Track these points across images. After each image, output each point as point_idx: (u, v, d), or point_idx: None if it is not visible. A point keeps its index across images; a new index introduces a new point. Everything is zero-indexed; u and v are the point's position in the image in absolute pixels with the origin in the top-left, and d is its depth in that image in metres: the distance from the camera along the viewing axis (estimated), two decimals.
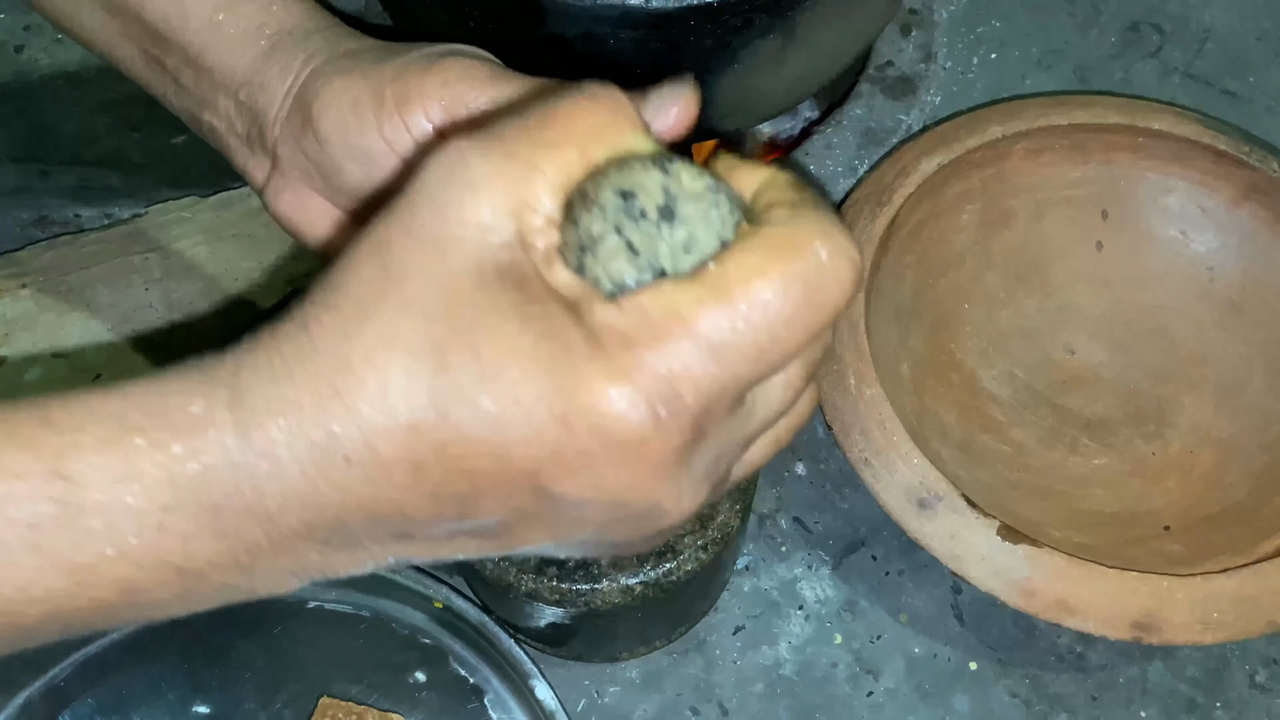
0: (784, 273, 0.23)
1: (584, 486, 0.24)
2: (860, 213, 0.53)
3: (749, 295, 0.23)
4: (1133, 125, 0.54)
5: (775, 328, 0.23)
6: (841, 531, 0.53)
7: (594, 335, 0.23)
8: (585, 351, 0.23)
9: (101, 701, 0.49)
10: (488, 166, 0.24)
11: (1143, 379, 0.55)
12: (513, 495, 0.24)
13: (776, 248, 0.24)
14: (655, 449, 0.23)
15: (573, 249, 0.24)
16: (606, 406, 0.23)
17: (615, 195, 0.24)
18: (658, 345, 0.23)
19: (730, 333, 0.23)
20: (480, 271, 0.24)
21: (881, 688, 0.50)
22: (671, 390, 0.23)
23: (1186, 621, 0.44)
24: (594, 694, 0.49)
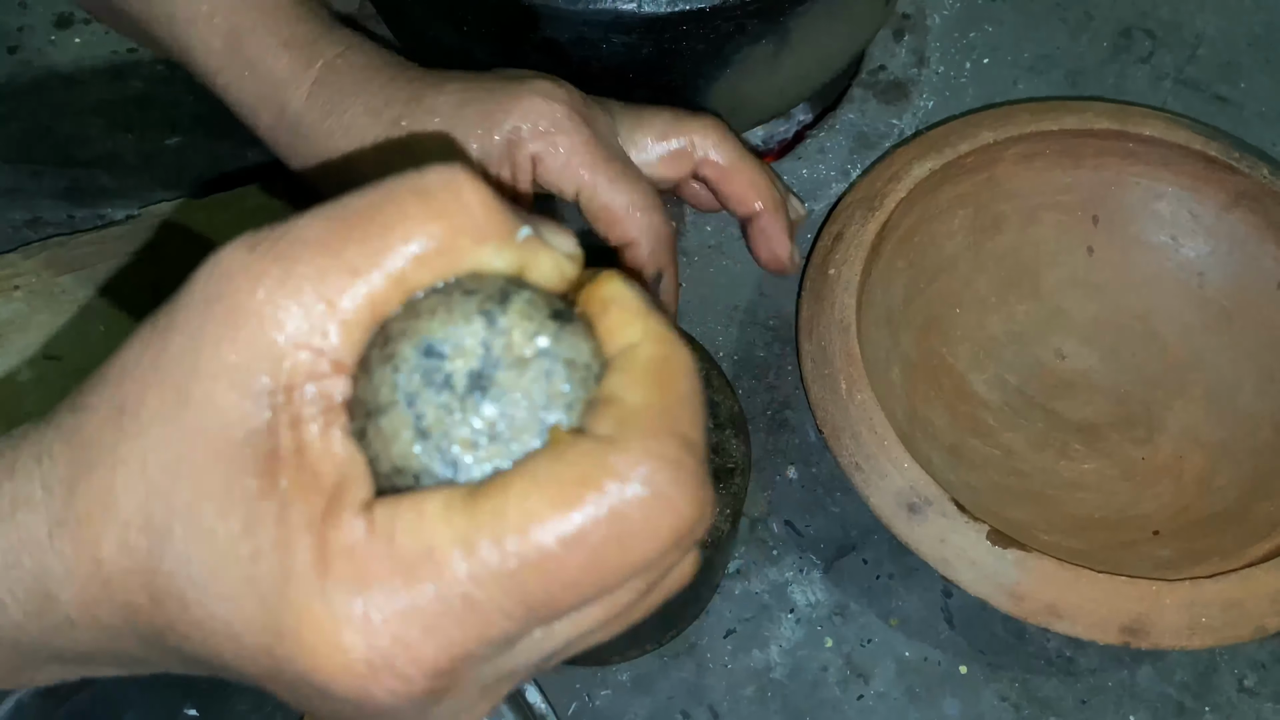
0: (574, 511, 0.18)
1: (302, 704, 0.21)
2: (852, 217, 0.53)
3: (524, 542, 0.18)
4: (1123, 131, 0.54)
5: (549, 589, 0.19)
6: (833, 535, 0.53)
7: (325, 560, 0.19)
8: (307, 582, 0.19)
9: (94, 703, 0.49)
10: (258, 289, 0.19)
11: (1133, 384, 0.55)
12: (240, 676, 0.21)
13: (577, 482, 0.19)
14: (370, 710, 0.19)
15: (360, 410, 0.20)
16: (317, 661, 0.19)
17: (417, 352, 0.19)
18: (395, 593, 0.18)
19: (486, 595, 0.18)
20: (222, 437, 0.20)
21: (872, 691, 0.50)
22: (406, 657, 0.19)
23: (1175, 626, 0.44)
24: (585, 697, 0.49)
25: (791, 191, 0.50)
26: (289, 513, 0.19)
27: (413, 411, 0.19)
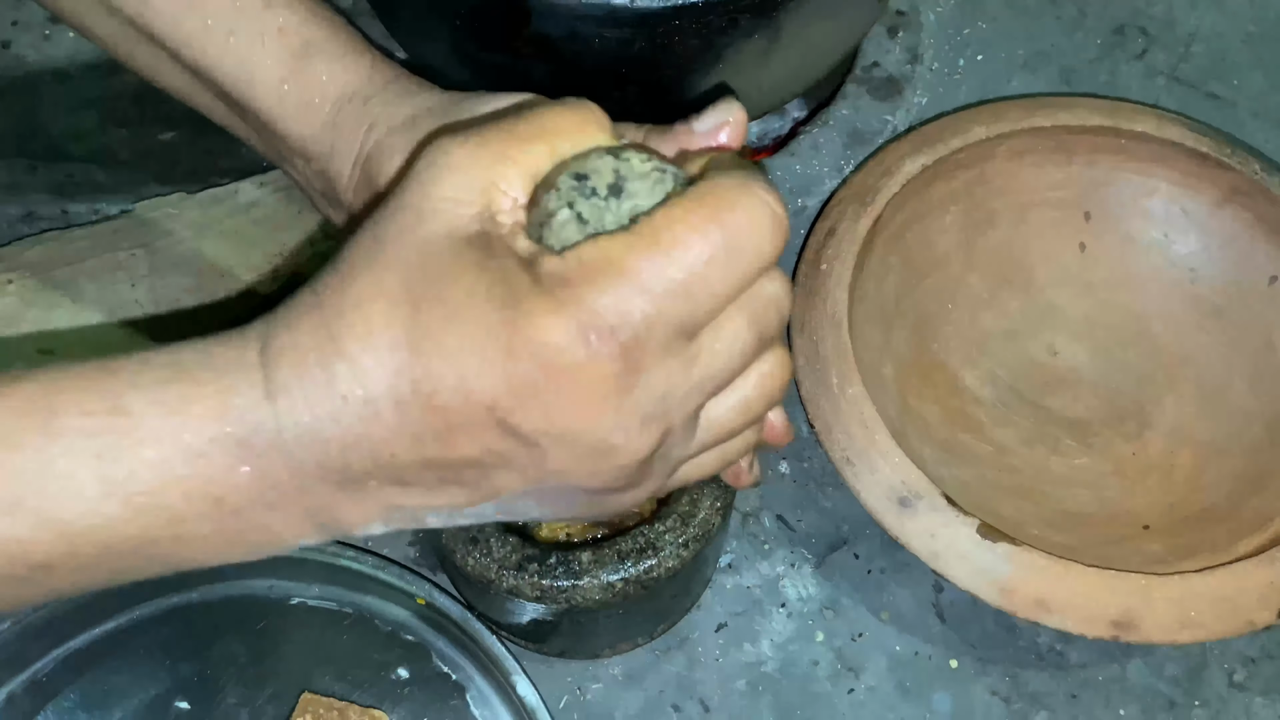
0: (702, 217, 0.26)
1: (535, 417, 0.26)
2: (844, 213, 0.53)
3: (670, 237, 0.26)
4: (1115, 127, 0.54)
5: (696, 266, 0.26)
6: (824, 530, 0.53)
7: (538, 279, 0.26)
8: (530, 292, 0.26)
9: (84, 697, 0.49)
10: (463, 153, 0.28)
11: (1124, 380, 0.55)
12: (480, 431, 0.27)
13: (697, 199, 0.27)
14: (590, 373, 0.26)
15: (534, 226, 0.28)
16: (544, 335, 0.25)
17: (570, 178, 0.28)
18: (590, 283, 0.26)
19: (653, 270, 0.26)
20: (451, 235, 0.27)
21: (863, 686, 0.50)
22: (600, 320, 0.25)
23: (1164, 621, 0.44)
24: (576, 691, 0.49)
25: None
26: (507, 263, 0.27)
27: (574, 211, 0.27)
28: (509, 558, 0.42)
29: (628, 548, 0.42)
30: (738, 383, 0.30)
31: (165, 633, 0.50)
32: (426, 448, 0.27)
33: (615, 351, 0.26)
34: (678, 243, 0.26)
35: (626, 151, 0.29)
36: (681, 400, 0.28)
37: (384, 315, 0.27)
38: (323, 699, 0.46)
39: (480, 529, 0.42)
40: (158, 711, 0.48)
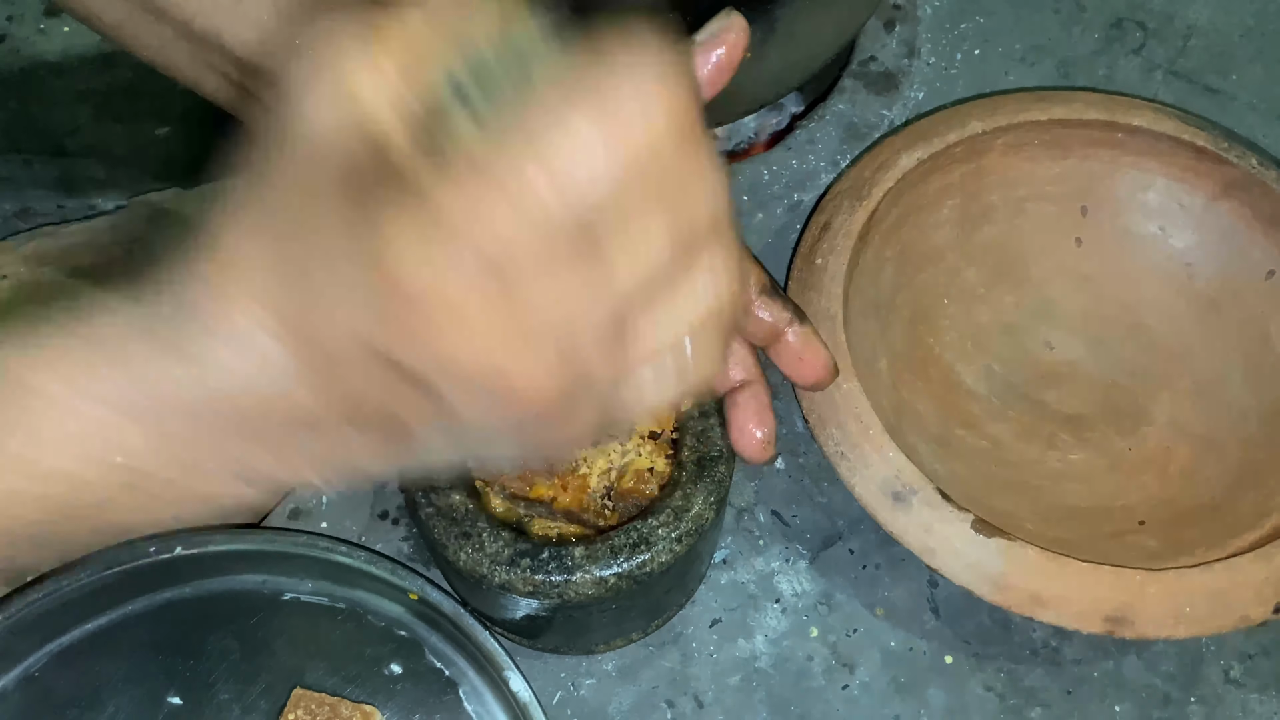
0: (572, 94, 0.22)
1: (414, 351, 0.24)
2: (840, 207, 0.53)
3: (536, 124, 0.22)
4: (1112, 121, 0.54)
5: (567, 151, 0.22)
6: (819, 525, 0.53)
7: (401, 191, 0.23)
8: (387, 207, 0.23)
9: (76, 692, 0.48)
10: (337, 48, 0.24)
11: (1121, 375, 0.55)
12: (367, 369, 0.25)
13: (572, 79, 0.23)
14: (459, 296, 0.23)
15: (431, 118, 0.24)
16: (397, 257, 0.22)
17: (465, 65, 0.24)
18: (447, 189, 0.22)
19: (520, 168, 0.22)
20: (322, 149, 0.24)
21: (857, 681, 0.50)
22: (464, 234, 0.22)
23: (1159, 616, 0.44)
24: (570, 686, 0.49)
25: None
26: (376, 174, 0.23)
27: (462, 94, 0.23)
28: (501, 553, 0.41)
29: (621, 543, 0.41)
30: (669, 295, 0.25)
31: (157, 627, 0.50)
32: (323, 390, 0.26)
33: (483, 268, 0.22)
34: (550, 137, 0.22)
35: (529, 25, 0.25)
36: (590, 320, 0.24)
37: (253, 245, 0.25)
38: (314, 694, 0.46)
39: (473, 525, 0.42)
40: (150, 706, 0.48)
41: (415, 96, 0.24)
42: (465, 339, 0.23)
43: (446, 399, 0.24)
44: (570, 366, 0.24)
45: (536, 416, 0.25)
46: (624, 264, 0.24)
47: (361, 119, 0.24)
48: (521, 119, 0.22)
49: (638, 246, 0.24)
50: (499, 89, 0.23)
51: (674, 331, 0.26)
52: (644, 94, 0.22)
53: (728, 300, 0.26)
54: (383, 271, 0.23)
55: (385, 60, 0.24)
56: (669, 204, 0.24)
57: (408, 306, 0.23)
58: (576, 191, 0.22)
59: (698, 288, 0.26)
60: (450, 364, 0.24)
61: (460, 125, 0.23)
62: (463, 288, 0.22)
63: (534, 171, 0.22)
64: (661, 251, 0.24)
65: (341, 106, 0.24)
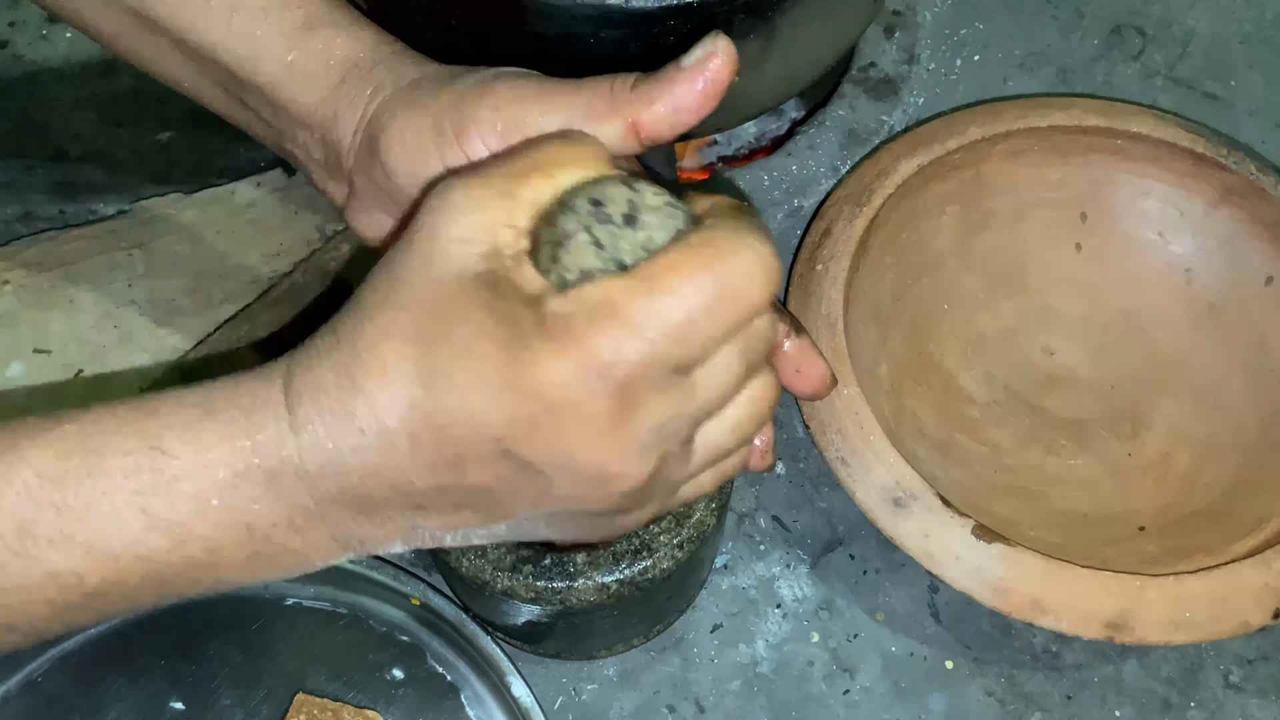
0: (698, 265, 0.28)
1: (539, 449, 0.28)
2: (840, 213, 0.53)
3: (667, 284, 0.27)
4: (1111, 128, 0.54)
5: (690, 312, 0.27)
6: (820, 530, 0.53)
7: (543, 320, 0.27)
8: (534, 332, 0.27)
9: (78, 697, 0.49)
10: (468, 194, 0.29)
11: (1120, 380, 0.55)
12: (489, 461, 0.29)
13: (695, 246, 0.28)
14: (588, 409, 0.27)
15: (549, 245, 0.29)
16: (545, 374, 0.27)
17: (587, 203, 0.29)
18: (589, 324, 0.27)
19: (649, 314, 0.27)
20: (460, 276, 0.29)
21: (858, 686, 0.50)
22: (598, 360, 0.27)
23: (1159, 621, 0.44)
24: (571, 691, 0.49)
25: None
26: (514, 302, 0.28)
27: (591, 235, 0.29)
28: (503, 559, 0.41)
29: (622, 549, 0.42)
30: (729, 408, 0.31)
31: (160, 633, 0.50)
32: (440, 476, 0.29)
33: (611, 389, 0.27)
34: (674, 290, 0.27)
35: (639, 183, 0.30)
36: (676, 430, 0.29)
37: (397, 354, 0.29)
38: (317, 699, 0.46)
39: None
40: (153, 712, 0.48)
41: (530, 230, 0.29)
42: (587, 441, 0.28)
43: (555, 490, 0.29)
44: (656, 471, 0.29)
45: (620, 504, 0.30)
46: (709, 390, 0.30)
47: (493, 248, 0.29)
48: (653, 266, 0.28)
49: (721, 378, 0.30)
50: (621, 234, 0.29)
51: (727, 438, 0.32)
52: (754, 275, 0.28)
53: (766, 412, 0.32)
54: (530, 382, 0.27)
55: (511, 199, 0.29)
56: (745, 344, 0.30)
57: (546, 413, 0.27)
58: (692, 330, 0.28)
59: (746, 402, 0.32)
60: (571, 463, 0.28)
61: (590, 263, 0.28)
62: (596, 404, 0.27)
63: (660, 313, 0.27)
64: (736, 382, 0.30)
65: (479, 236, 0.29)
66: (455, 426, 0.28)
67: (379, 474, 0.29)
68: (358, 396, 0.29)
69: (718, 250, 0.28)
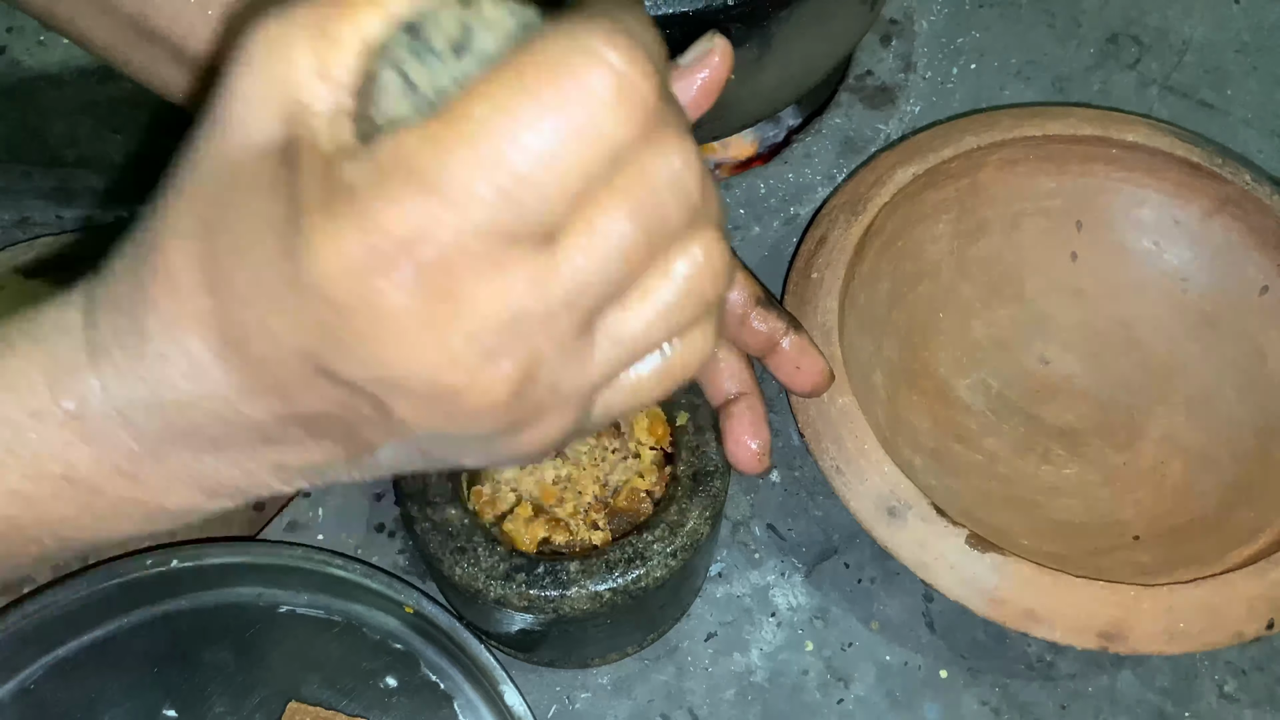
0: (517, 90, 0.20)
1: (350, 363, 0.22)
2: (836, 221, 0.53)
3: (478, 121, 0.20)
4: (1107, 137, 0.54)
5: (512, 158, 0.20)
6: (815, 539, 0.53)
7: (329, 192, 0.21)
8: (313, 210, 0.21)
9: (72, 704, 0.48)
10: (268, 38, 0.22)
11: (1115, 390, 0.55)
12: (312, 382, 0.23)
13: (518, 65, 0.21)
14: (386, 304, 0.21)
15: (361, 97, 0.23)
16: (322, 265, 0.21)
17: (403, 33, 0.22)
18: (378, 191, 0.21)
19: (455, 166, 0.20)
20: (247, 146, 0.22)
21: (852, 695, 0.50)
22: (388, 236, 0.21)
23: (1153, 631, 0.44)
24: (565, 700, 0.49)
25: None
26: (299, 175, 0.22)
27: (401, 73, 0.22)
28: (496, 567, 0.41)
29: (616, 557, 0.42)
30: (650, 284, 0.24)
31: (153, 640, 0.50)
32: (269, 403, 0.24)
33: (411, 276, 0.21)
34: (486, 129, 0.20)
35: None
36: (541, 322, 0.22)
37: (182, 254, 0.23)
38: (309, 708, 0.46)
39: (468, 539, 0.42)
40: (146, 718, 0.48)
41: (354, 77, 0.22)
42: (402, 351, 0.22)
43: (397, 413, 0.23)
44: (526, 375, 0.23)
45: (495, 425, 0.24)
46: (578, 258, 0.22)
47: (293, 106, 0.22)
48: (462, 104, 0.21)
49: (593, 238, 0.22)
50: (444, 67, 0.22)
51: (650, 325, 0.24)
52: (595, 70, 0.21)
53: (711, 285, 0.24)
54: (310, 282, 0.21)
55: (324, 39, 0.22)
56: (629, 190, 0.22)
57: (340, 319, 0.21)
58: (521, 186, 0.21)
59: (674, 275, 0.24)
60: (391, 378, 0.22)
61: (398, 110, 0.22)
62: (396, 297, 0.21)
63: (472, 166, 0.20)
64: (622, 241, 0.22)
65: (272, 94, 0.22)
66: (253, 343, 0.23)
67: (198, 404, 0.24)
68: (150, 312, 0.24)
69: (549, 64, 0.21)
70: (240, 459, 0.26)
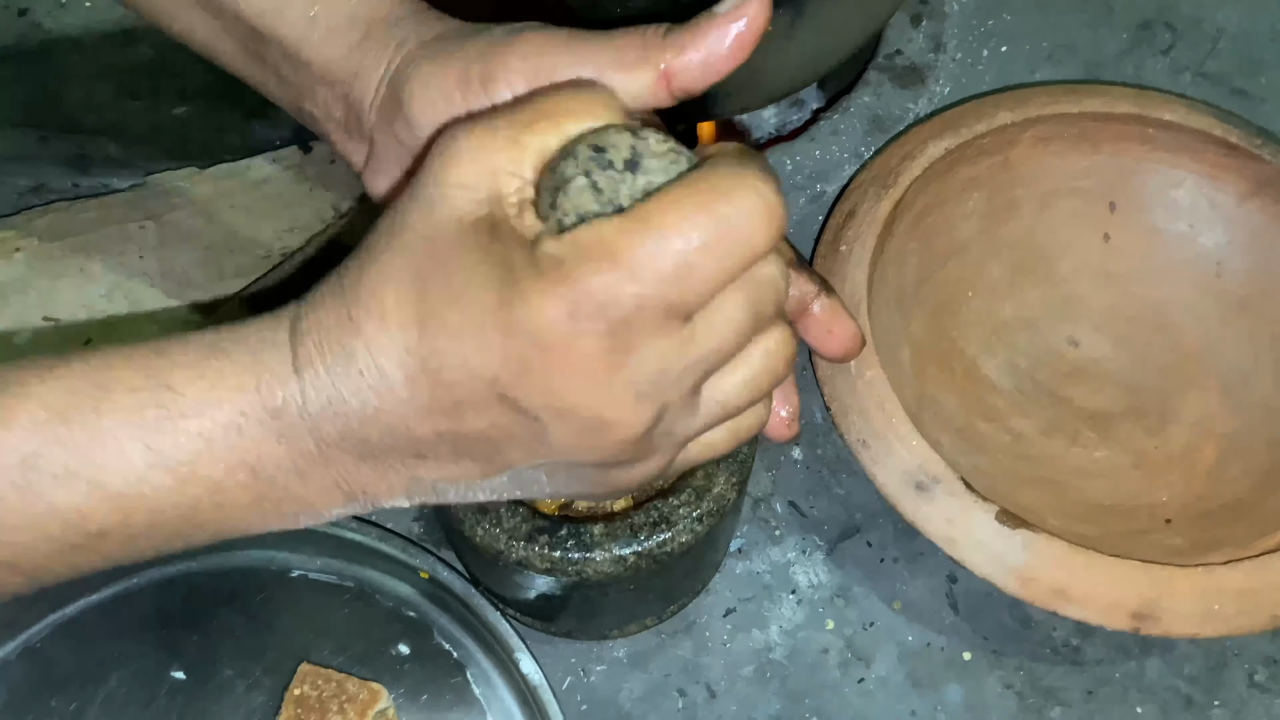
0: (694, 205, 0.27)
1: (532, 392, 0.28)
2: (865, 194, 0.52)
3: (662, 223, 0.27)
4: (1143, 115, 0.53)
5: (685, 252, 0.27)
6: (837, 517, 0.52)
7: (536, 261, 0.27)
8: (527, 274, 0.27)
9: (77, 665, 0.48)
10: (472, 140, 0.29)
11: (1147, 373, 0.54)
12: (484, 405, 0.28)
13: (693, 184, 0.27)
14: (580, 351, 0.27)
15: (549, 191, 0.29)
16: (536, 314, 0.27)
17: (589, 149, 0.29)
18: (582, 265, 0.27)
19: (644, 254, 0.27)
20: (459, 221, 0.28)
21: (873, 675, 0.49)
22: (590, 301, 0.26)
23: (1187, 612, 0.43)
24: (580, 672, 0.48)
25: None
26: (510, 244, 0.28)
27: (590, 180, 0.28)
28: (519, 528, 0.41)
29: (641, 521, 0.41)
30: (740, 361, 0.30)
31: (162, 602, 0.49)
32: (438, 421, 0.29)
33: (603, 331, 0.27)
34: (669, 229, 0.27)
35: (644, 130, 0.29)
36: (677, 378, 0.29)
37: (395, 296, 0.29)
38: (321, 670, 0.45)
39: None
40: (153, 680, 0.47)
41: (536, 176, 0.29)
42: (581, 385, 0.27)
43: (551, 437, 0.29)
44: (656, 421, 0.29)
45: (620, 456, 0.29)
46: (711, 337, 0.28)
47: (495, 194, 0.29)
48: (650, 206, 0.27)
49: (725, 325, 0.29)
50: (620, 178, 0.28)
51: (736, 393, 0.31)
52: (754, 197, 0.27)
53: (783, 363, 0.31)
54: (522, 322, 0.27)
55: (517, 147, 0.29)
56: (749, 286, 0.28)
57: (539, 356, 0.27)
58: (689, 272, 0.27)
59: (758, 358, 0.31)
60: (564, 408, 0.28)
61: (589, 207, 0.28)
62: (588, 343, 0.27)
63: (655, 252, 0.27)
64: (742, 330, 0.29)
65: (482, 183, 0.29)
66: (449, 370, 0.28)
67: (377, 418, 0.29)
68: (356, 338, 0.29)
69: (716, 189, 0.27)
70: (388, 470, 0.31)
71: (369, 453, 0.30)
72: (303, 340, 0.30)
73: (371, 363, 0.29)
